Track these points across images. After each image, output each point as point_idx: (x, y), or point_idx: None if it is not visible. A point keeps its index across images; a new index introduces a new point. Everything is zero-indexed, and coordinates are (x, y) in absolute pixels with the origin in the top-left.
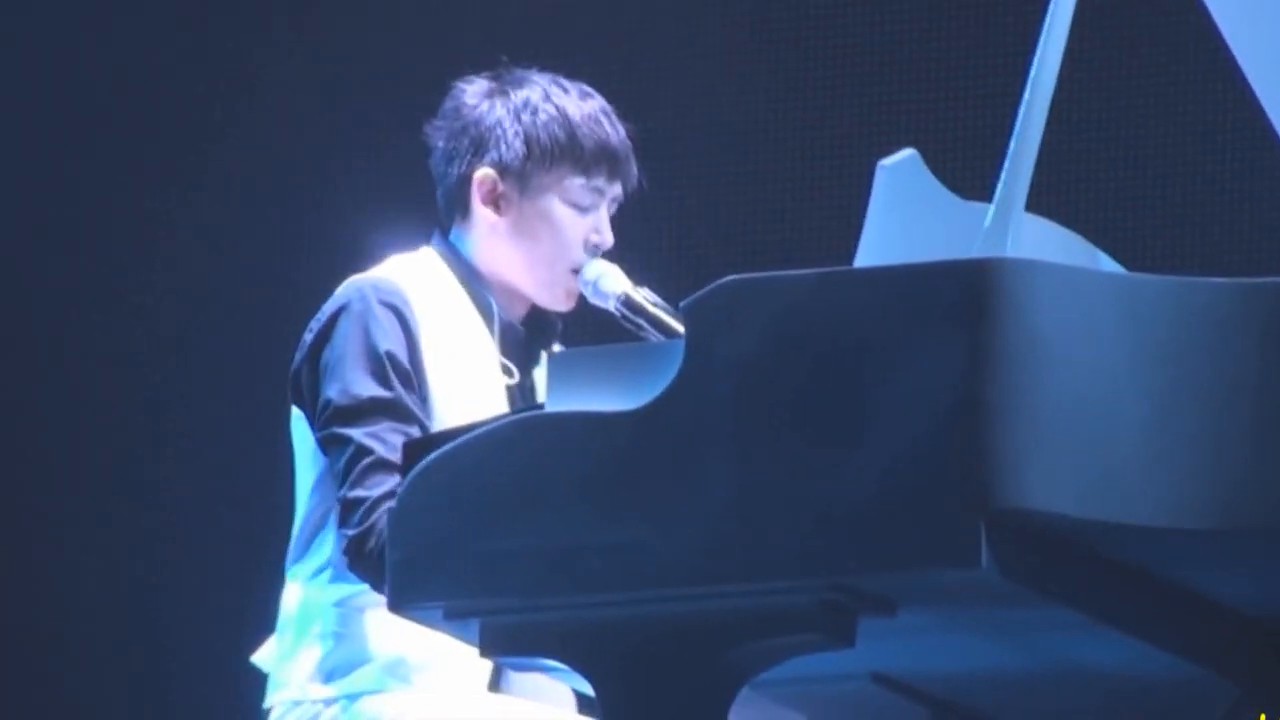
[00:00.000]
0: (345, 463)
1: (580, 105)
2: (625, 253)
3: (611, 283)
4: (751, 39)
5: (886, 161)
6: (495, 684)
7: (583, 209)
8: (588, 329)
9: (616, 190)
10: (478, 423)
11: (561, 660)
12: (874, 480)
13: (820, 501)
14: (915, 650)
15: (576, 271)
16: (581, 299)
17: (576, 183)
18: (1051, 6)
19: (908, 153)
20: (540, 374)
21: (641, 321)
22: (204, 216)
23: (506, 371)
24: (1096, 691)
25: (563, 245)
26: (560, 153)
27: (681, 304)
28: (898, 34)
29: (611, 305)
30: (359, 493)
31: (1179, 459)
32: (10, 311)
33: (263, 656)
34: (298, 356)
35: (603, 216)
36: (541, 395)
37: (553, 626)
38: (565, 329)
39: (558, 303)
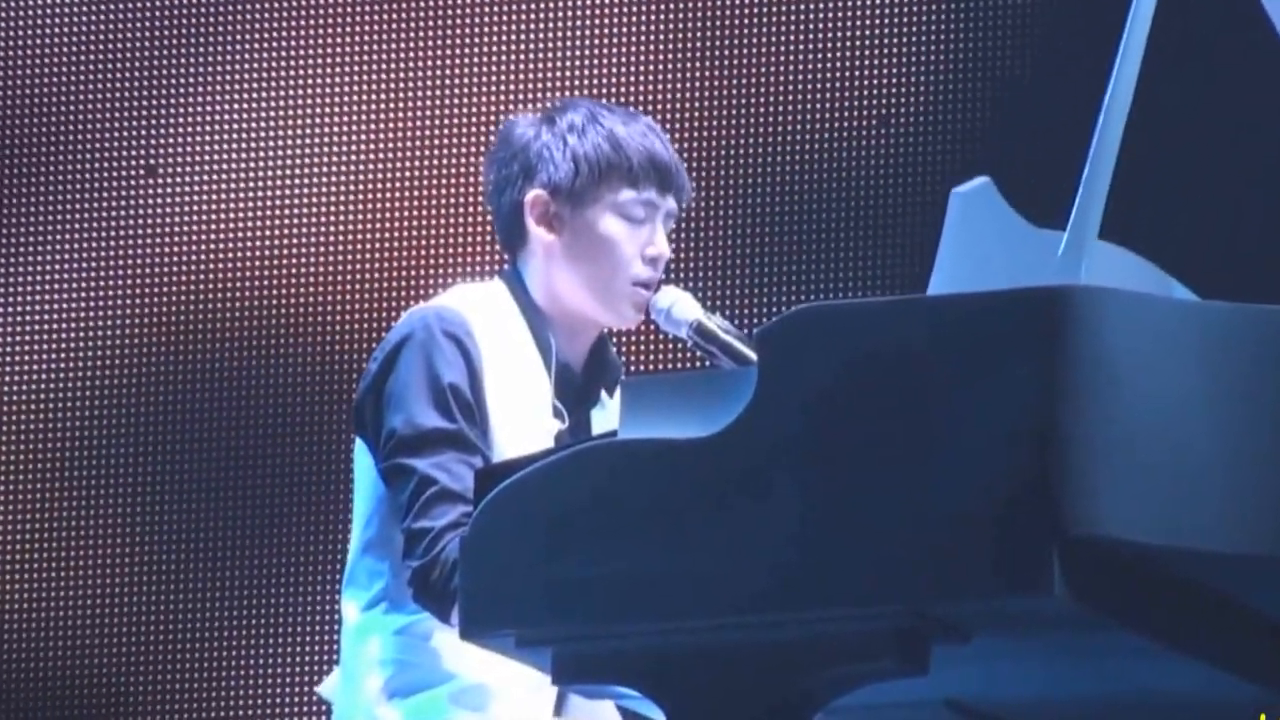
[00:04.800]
0: (410, 494)
1: (625, 122)
2: (695, 277)
3: (684, 310)
4: (809, 67)
5: (960, 189)
6: (559, 709)
7: (636, 221)
8: (658, 357)
9: (670, 204)
10: (549, 450)
11: (634, 688)
12: (947, 508)
13: (893, 529)
14: (989, 676)
15: (638, 285)
16: (651, 324)
17: (627, 195)
18: (1125, 32)
19: (981, 180)
20: (598, 415)
21: (714, 349)
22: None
23: (558, 414)
24: (1171, 717)
25: (619, 259)
26: (608, 166)
27: (755, 331)
28: (967, 63)
29: (684, 333)
30: (424, 523)
31: (1253, 485)
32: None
33: (327, 688)
34: (361, 386)
35: (658, 229)
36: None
37: (625, 654)
38: (635, 355)
39: (623, 319)
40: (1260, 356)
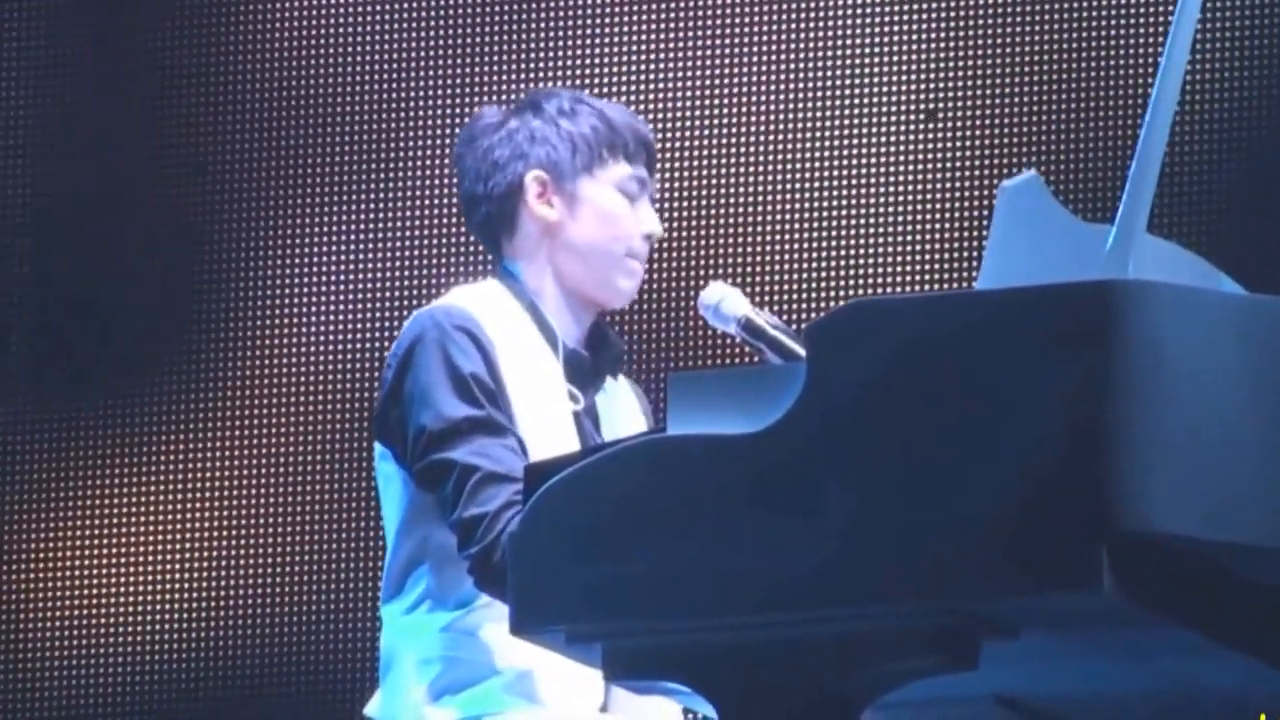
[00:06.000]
0: (453, 486)
1: (607, 105)
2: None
3: (733, 305)
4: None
5: (1008, 183)
6: (608, 697)
7: (631, 197)
8: (672, 352)
9: (653, 183)
10: (597, 446)
11: (684, 683)
12: (995, 504)
13: (941, 525)
14: (1038, 672)
15: (631, 259)
16: (699, 321)
17: (624, 171)
18: (1173, 28)
19: (1028, 174)
20: (601, 400)
21: (762, 344)
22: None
23: (572, 398)
24: (1219, 714)
25: (620, 234)
26: (606, 143)
27: (804, 327)
28: (1018, 57)
29: (732, 328)
30: (474, 510)
31: None
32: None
33: (373, 707)
34: (380, 394)
35: (647, 206)
36: (605, 420)
37: (675, 650)
38: (678, 352)
39: (618, 294)
40: None
